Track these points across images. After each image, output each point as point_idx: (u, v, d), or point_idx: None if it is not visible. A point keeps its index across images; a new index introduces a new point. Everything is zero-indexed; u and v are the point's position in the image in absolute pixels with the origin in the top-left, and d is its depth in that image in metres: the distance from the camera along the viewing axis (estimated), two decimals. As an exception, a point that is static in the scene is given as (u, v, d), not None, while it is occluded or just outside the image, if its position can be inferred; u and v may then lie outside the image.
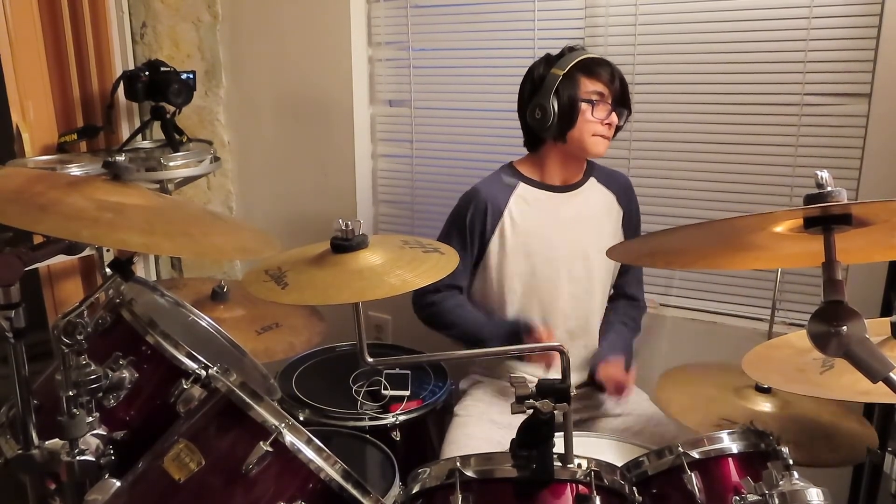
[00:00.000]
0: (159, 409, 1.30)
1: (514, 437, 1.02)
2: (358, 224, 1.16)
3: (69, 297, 2.35)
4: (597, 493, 1.00)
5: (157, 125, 2.37)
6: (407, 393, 1.78)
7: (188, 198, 2.65)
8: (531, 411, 0.98)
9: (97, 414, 1.20)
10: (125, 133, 2.52)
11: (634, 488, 1.09)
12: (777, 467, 1.03)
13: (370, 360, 1.15)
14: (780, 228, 0.92)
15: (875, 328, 1.14)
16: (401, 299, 1.28)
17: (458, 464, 1.03)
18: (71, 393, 1.15)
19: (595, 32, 2.07)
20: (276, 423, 1.08)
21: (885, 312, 1.71)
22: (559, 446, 1.01)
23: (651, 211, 2.05)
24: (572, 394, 1.01)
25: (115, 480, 1.13)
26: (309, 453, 1.08)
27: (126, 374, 1.30)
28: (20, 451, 1.17)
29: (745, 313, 2.05)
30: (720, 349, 1.95)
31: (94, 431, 1.19)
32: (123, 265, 1.24)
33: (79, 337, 1.16)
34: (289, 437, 1.07)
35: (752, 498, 1.01)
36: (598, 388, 1.76)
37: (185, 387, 1.28)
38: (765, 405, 1.49)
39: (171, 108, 2.31)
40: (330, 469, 1.08)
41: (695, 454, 1.16)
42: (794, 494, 0.98)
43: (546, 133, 1.72)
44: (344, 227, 1.15)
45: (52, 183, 1.14)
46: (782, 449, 1.13)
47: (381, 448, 1.58)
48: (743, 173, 1.98)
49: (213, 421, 1.14)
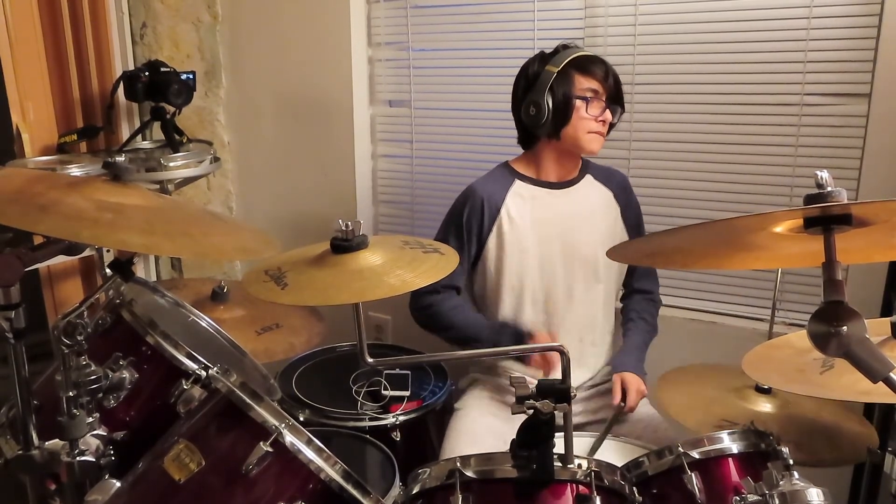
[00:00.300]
0: (159, 410, 1.30)
1: (515, 437, 1.02)
2: (358, 224, 1.16)
3: (69, 298, 2.35)
4: (597, 494, 1.00)
5: (157, 126, 2.37)
6: (407, 393, 1.78)
7: (188, 198, 2.65)
8: (531, 412, 0.98)
9: (97, 414, 1.21)
10: (125, 133, 2.52)
11: (634, 488, 1.09)
12: (777, 467, 1.03)
13: (370, 360, 1.15)
14: (780, 228, 0.92)
15: (875, 328, 1.14)
16: (401, 299, 1.28)
17: (458, 464, 1.03)
18: (71, 393, 1.15)
19: (595, 32, 2.07)
20: (277, 424, 1.08)
21: (885, 312, 1.71)
22: (559, 446, 1.01)
23: (651, 211, 2.05)
24: (574, 394, 1.01)
25: (115, 481, 1.13)
26: (309, 454, 1.08)
27: (126, 374, 1.30)
28: (20, 452, 1.17)
29: (745, 313, 2.05)
30: (720, 349, 1.94)
31: (95, 432, 1.19)
32: (123, 266, 1.24)
33: (79, 337, 1.17)
34: (289, 438, 1.07)
35: (752, 498, 1.01)
36: (610, 388, 1.74)
37: (185, 387, 1.28)
38: (765, 405, 1.49)
39: (171, 109, 2.31)
40: (330, 469, 1.08)
41: (695, 454, 1.16)
42: (795, 494, 0.98)
43: (540, 130, 1.72)
44: (344, 228, 1.15)
45: (52, 183, 1.14)
46: (782, 449, 1.13)
47: (381, 448, 1.58)
48: (743, 173, 1.98)
49: (214, 421, 1.14)
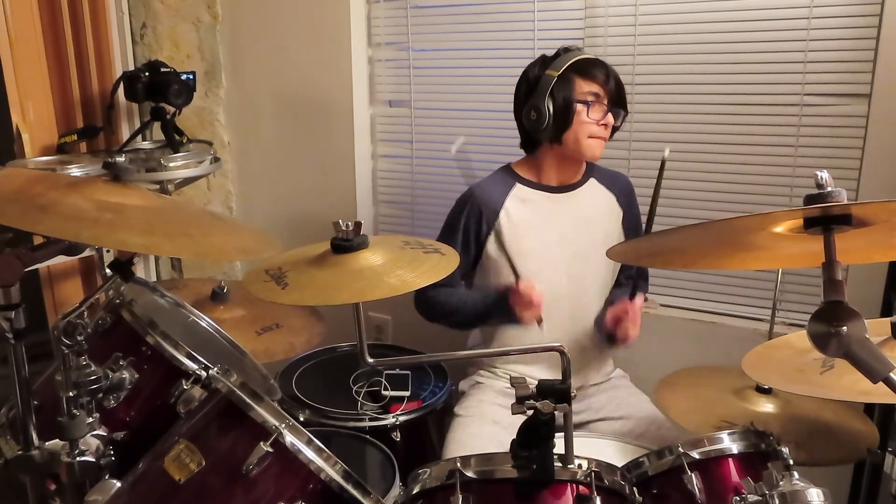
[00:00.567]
0: (159, 410, 1.30)
1: (515, 437, 1.02)
2: (359, 224, 1.16)
3: (69, 298, 2.35)
4: (597, 494, 1.00)
5: (157, 126, 2.37)
6: (407, 393, 1.78)
7: (188, 198, 2.65)
8: (531, 412, 0.98)
9: (97, 414, 1.21)
10: (125, 134, 2.52)
11: (635, 489, 1.09)
12: (777, 467, 1.03)
13: (370, 360, 1.15)
14: (780, 229, 0.92)
15: (875, 328, 1.14)
16: (401, 300, 1.28)
17: (459, 464, 1.03)
18: (71, 394, 1.15)
19: (595, 33, 2.07)
20: (277, 424, 1.08)
21: (885, 312, 1.71)
22: (559, 447, 1.01)
23: (651, 211, 2.05)
24: (574, 394, 1.01)
25: (115, 481, 1.13)
26: (309, 454, 1.08)
27: (126, 374, 1.30)
28: (20, 452, 1.17)
29: (745, 313, 2.05)
30: (720, 349, 1.95)
31: (95, 432, 1.19)
32: (123, 266, 1.24)
33: (79, 337, 1.17)
34: (289, 438, 1.07)
35: (752, 498, 1.01)
36: (609, 340, 1.75)
37: (185, 387, 1.28)
38: (765, 405, 1.49)
39: (171, 109, 2.31)
40: (330, 469, 1.08)
41: (695, 454, 1.16)
42: (795, 495, 0.98)
43: (542, 135, 1.71)
44: (344, 228, 1.15)
45: (52, 183, 1.14)
46: (782, 449, 1.13)
47: (381, 448, 1.58)
48: (743, 173, 1.98)
49: (214, 421, 1.14)
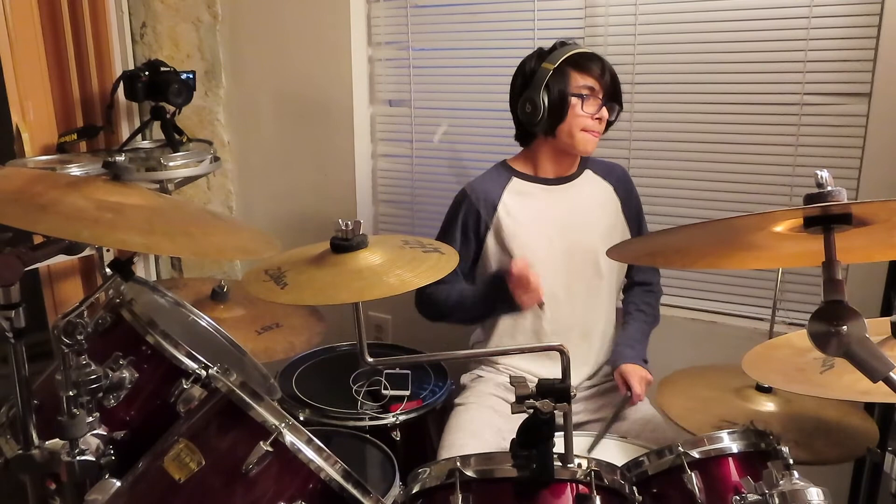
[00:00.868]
0: (159, 409, 1.30)
1: (515, 437, 1.02)
2: (358, 224, 1.16)
3: (69, 297, 2.35)
4: (597, 493, 1.00)
5: (157, 125, 2.37)
6: (407, 393, 1.78)
7: (188, 198, 2.65)
8: (531, 411, 0.98)
9: (97, 414, 1.20)
10: (125, 133, 2.52)
11: (634, 488, 1.09)
12: (777, 467, 1.03)
13: (370, 359, 1.14)
14: (780, 228, 0.92)
15: (875, 328, 1.14)
16: (401, 299, 1.28)
17: (458, 464, 1.03)
18: (71, 393, 1.15)
19: (595, 32, 2.07)
20: (277, 423, 1.08)
21: (885, 312, 1.71)
22: (559, 446, 1.01)
23: (651, 211, 2.05)
24: (575, 394, 1.01)
25: (115, 480, 1.13)
26: (309, 453, 1.08)
27: (126, 374, 1.30)
28: (20, 451, 1.17)
29: (745, 313, 2.05)
30: (720, 349, 1.95)
31: (95, 431, 1.19)
32: (123, 265, 1.24)
33: (79, 337, 1.17)
34: (289, 437, 1.07)
35: (752, 498, 1.01)
36: (612, 386, 1.75)
37: (185, 387, 1.28)
38: (766, 405, 1.49)
39: (171, 109, 2.31)
40: (330, 469, 1.08)
41: (695, 454, 1.16)
42: (795, 494, 0.98)
43: (536, 127, 1.72)
44: (344, 227, 1.15)
45: (52, 183, 1.14)
46: (782, 448, 1.13)
47: (381, 448, 1.58)
48: (743, 173, 1.98)
49: (214, 421, 1.14)
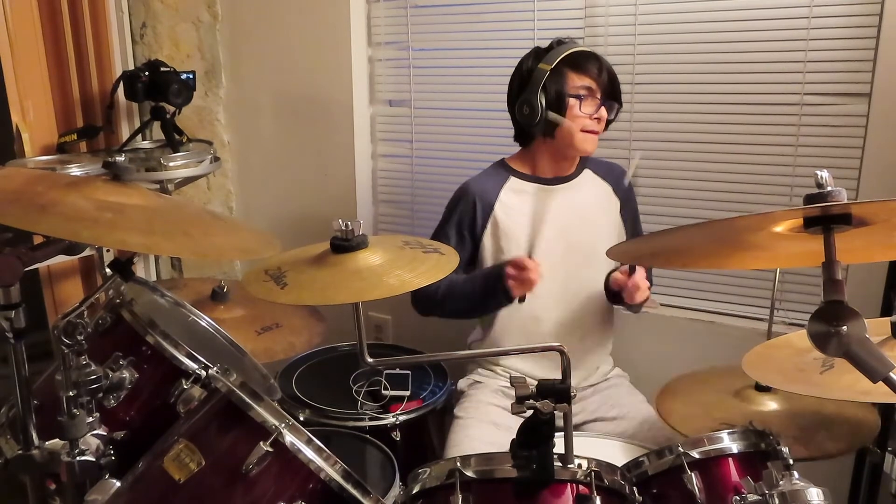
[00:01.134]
0: (159, 410, 1.30)
1: (515, 437, 1.02)
2: (358, 224, 1.16)
3: (69, 298, 2.35)
4: (597, 493, 1.00)
5: (157, 125, 2.37)
6: (407, 393, 1.78)
7: (188, 198, 2.65)
8: (531, 412, 0.98)
9: (97, 414, 1.20)
10: (125, 133, 2.52)
11: (634, 488, 1.09)
12: (777, 467, 1.03)
13: (370, 360, 1.15)
14: (779, 228, 0.92)
15: (875, 328, 1.14)
16: (401, 299, 1.28)
17: (459, 464, 1.03)
18: (71, 393, 1.15)
19: (595, 32, 2.07)
20: (277, 423, 1.08)
21: (885, 312, 1.71)
22: (559, 446, 1.01)
23: (651, 211, 2.05)
24: (574, 394, 1.01)
25: (115, 481, 1.13)
26: (309, 453, 1.08)
27: (126, 374, 1.30)
28: (20, 452, 1.17)
29: (744, 313, 2.04)
30: (720, 349, 1.94)
31: (95, 432, 1.19)
32: (123, 265, 1.24)
33: (79, 337, 1.17)
34: (289, 437, 1.07)
35: (752, 498, 1.01)
36: (614, 298, 1.76)
37: (185, 387, 1.28)
38: (766, 403, 1.48)
39: (171, 109, 2.31)
40: (330, 469, 1.08)
41: (695, 454, 1.16)
42: (795, 494, 0.98)
43: (534, 129, 1.71)
44: (344, 227, 1.15)
45: (52, 183, 1.14)
46: (782, 448, 1.13)
47: (381, 448, 1.58)
48: (743, 173, 1.98)
49: (214, 421, 1.14)
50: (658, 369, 1.72)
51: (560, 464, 1.01)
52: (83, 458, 1.16)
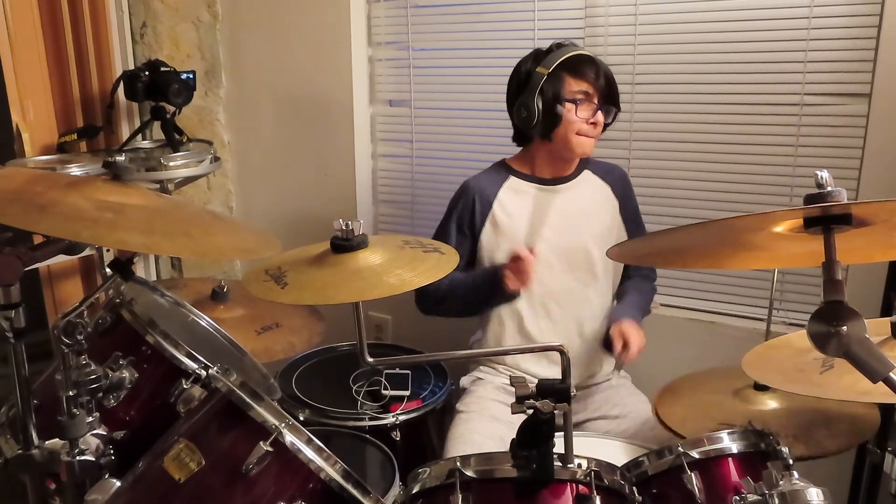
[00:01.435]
0: (159, 409, 1.30)
1: (515, 436, 1.02)
2: (358, 224, 1.16)
3: (69, 297, 2.35)
4: (597, 493, 1.00)
5: (157, 125, 2.37)
6: (407, 393, 1.78)
7: (188, 198, 2.65)
8: (531, 411, 0.98)
9: (97, 414, 1.20)
10: (125, 133, 2.52)
11: (634, 488, 1.09)
12: (777, 467, 1.03)
13: (370, 359, 1.15)
14: (779, 228, 0.92)
15: (875, 328, 1.14)
16: (401, 299, 1.28)
17: (458, 464, 1.03)
18: (71, 393, 1.15)
19: (595, 32, 2.07)
20: (277, 423, 1.08)
21: (885, 312, 1.71)
22: (559, 446, 1.01)
23: (651, 211, 2.05)
24: (574, 394, 1.01)
25: (115, 480, 1.13)
26: (309, 453, 1.08)
27: (126, 374, 1.30)
28: (20, 451, 1.17)
29: (744, 313, 2.04)
30: (719, 349, 1.95)
31: (94, 431, 1.19)
32: (123, 265, 1.24)
33: (79, 337, 1.16)
34: (289, 437, 1.07)
35: (752, 498, 1.01)
36: (607, 348, 1.75)
37: (185, 387, 1.28)
38: (766, 403, 1.48)
39: (171, 108, 2.31)
40: (330, 469, 1.08)
41: (695, 454, 1.16)
42: (794, 494, 0.98)
43: (532, 132, 1.72)
44: (344, 227, 1.15)
45: (52, 183, 1.14)
46: (782, 449, 1.13)
47: (381, 448, 1.58)
48: (743, 173, 1.98)
49: (214, 421, 1.14)
50: (657, 369, 1.72)
51: (560, 463, 1.01)
52: (83, 457, 1.16)
